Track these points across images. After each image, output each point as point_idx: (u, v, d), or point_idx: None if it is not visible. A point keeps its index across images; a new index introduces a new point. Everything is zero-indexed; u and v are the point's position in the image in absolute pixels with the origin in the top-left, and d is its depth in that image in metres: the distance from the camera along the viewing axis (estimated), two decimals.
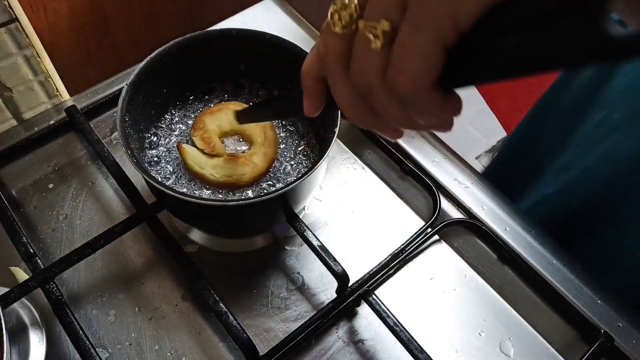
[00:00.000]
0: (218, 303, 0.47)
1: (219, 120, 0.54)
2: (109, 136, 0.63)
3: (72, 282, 0.53)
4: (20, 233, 0.50)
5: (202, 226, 0.55)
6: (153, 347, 0.49)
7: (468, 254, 0.57)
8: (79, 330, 0.46)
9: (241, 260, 0.56)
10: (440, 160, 0.62)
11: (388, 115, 0.28)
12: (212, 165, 0.51)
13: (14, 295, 0.46)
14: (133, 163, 0.44)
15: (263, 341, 0.50)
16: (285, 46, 0.52)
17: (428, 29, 0.24)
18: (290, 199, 0.49)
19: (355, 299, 0.51)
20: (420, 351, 0.47)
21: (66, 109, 0.61)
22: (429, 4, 0.24)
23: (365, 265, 0.53)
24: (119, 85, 0.66)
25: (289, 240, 0.57)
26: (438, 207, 0.58)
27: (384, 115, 0.29)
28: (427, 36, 0.24)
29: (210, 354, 0.49)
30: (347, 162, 0.63)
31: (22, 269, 0.52)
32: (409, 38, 0.25)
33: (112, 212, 0.57)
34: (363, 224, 0.58)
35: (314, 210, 0.59)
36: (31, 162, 0.60)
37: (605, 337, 0.50)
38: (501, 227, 0.58)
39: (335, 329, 0.51)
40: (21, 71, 0.62)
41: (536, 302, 0.54)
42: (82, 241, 0.51)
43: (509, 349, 0.51)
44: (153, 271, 0.54)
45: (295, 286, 0.54)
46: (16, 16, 0.58)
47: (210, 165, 0.51)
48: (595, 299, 0.54)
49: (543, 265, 0.55)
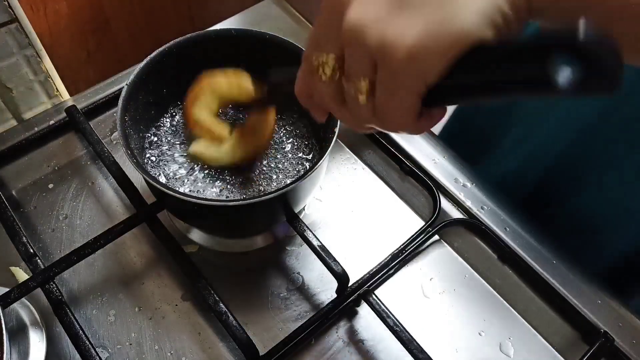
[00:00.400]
0: (218, 303, 0.47)
1: (204, 104, 0.51)
2: (109, 136, 0.63)
3: (72, 282, 0.53)
4: (20, 233, 0.50)
5: (202, 226, 0.55)
6: (153, 347, 0.49)
7: (468, 254, 0.57)
8: (79, 330, 0.46)
9: (241, 260, 0.56)
10: (440, 160, 0.62)
11: (380, 129, 0.33)
12: (226, 150, 0.50)
13: (14, 295, 0.46)
14: (133, 163, 0.44)
15: (263, 341, 0.50)
16: (285, 46, 0.52)
17: (401, 92, 0.28)
18: (290, 199, 0.49)
19: (355, 299, 0.51)
20: (420, 351, 0.47)
21: (66, 109, 0.61)
22: (397, 75, 0.27)
23: (365, 265, 0.53)
24: (119, 85, 0.66)
25: (289, 240, 0.57)
26: (438, 207, 0.58)
27: (375, 129, 0.34)
28: (401, 96, 0.28)
29: (210, 354, 0.49)
30: (347, 162, 0.63)
31: (22, 269, 0.52)
32: (386, 99, 0.29)
33: (112, 212, 0.57)
34: (363, 224, 0.58)
35: (314, 210, 0.59)
36: (31, 162, 0.60)
37: (605, 337, 0.50)
38: (501, 227, 0.58)
39: (335, 329, 0.51)
40: (21, 71, 0.62)
41: (536, 302, 0.54)
42: (82, 241, 0.51)
43: (509, 349, 0.51)
44: (153, 271, 0.54)
45: (295, 286, 0.54)
46: (16, 16, 0.58)
47: (225, 152, 0.50)
48: (595, 299, 0.54)
49: (543, 265, 0.55)
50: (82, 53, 0.73)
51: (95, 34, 0.72)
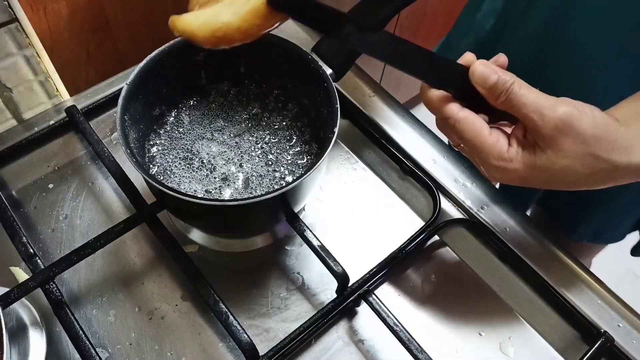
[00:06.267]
0: (218, 303, 0.47)
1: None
2: (109, 136, 0.63)
3: (72, 282, 0.53)
4: (20, 233, 0.50)
5: (202, 226, 0.55)
6: (153, 347, 0.49)
7: (468, 253, 0.57)
8: (79, 330, 0.46)
9: (241, 260, 0.56)
10: (440, 160, 0.62)
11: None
12: (229, 4, 0.40)
13: (14, 295, 0.46)
14: (133, 163, 0.44)
15: (263, 341, 0.50)
16: (285, 46, 0.52)
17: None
18: (290, 199, 0.49)
19: (355, 299, 0.51)
20: (420, 351, 0.47)
21: (66, 109, 0.61)
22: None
23: (365, 265, 0.53)
24: (119, 85, 0.66)
25: (289, 240, 0.57)
26: (438, 207, 0.58)
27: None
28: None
29: (210, 354, 0.49)
30: (347, 162, 0.63)
31: (22, 269, 0.52)
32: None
33: (112, 212, 0.57)
34: (363, 224, 0.58)
35: (314, 210, 0.59)
36: (31, 162, 0.60)
37: (605, 337, 0.50)
38: (501, 227, 0.58)
39: (335, 329, 0.51)
40: (21, 71, 0.62)
41: (536, 302, 0.54)
42: (82, 241, 0.51)
43: (509, 349, 0.51)
44: (153, 271, 0.54)
45: (295, 286, 0.54)
46: (16, 16, 0.58)
47: (227, 7, 0.40)
48: (595, 299, 0.54)
49: (543, 265, 0.55)
50: (82, 53, 0.73)
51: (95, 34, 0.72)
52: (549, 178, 0.39)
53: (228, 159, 0.54)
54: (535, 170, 0.38)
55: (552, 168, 0.38)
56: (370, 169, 0.63)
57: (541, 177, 0.39)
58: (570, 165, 0.37)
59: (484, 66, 0.38)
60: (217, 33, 0.41)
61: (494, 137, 0.39)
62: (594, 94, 0.47)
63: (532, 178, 0.39)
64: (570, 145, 0.37)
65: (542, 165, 0.38)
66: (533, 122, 0.37)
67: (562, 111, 0.36)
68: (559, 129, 0.36)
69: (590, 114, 0.37)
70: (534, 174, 0.39)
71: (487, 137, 0.39)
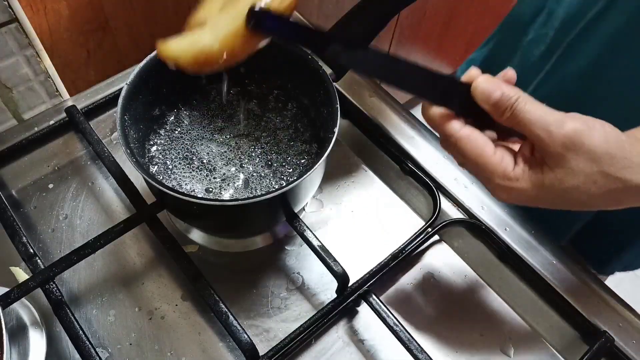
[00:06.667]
0: (218, 303, 0.47)
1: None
2: (109, 136, 0.63)
3: (72, 282, 0.53)
4: (20, 233, 0.50)
5: (202, 226, 0.55)
6: (153, 347, 0.49)
7: (468, 254, 0.57)
8: (79, 330, 0.46)
9: (241, 260, 0.56)
10: (440, 160, 0.62)
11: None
12: (210, 28, 0.40)
13: (14, 295, 0.46)
14: (133, 163, 0.44)
15: (263, 341, 0.50)
16: (285, 47, 0.52)
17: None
18: (290, 199, 0.49)
19: (355, 299, 0.51)
20: (420, 351, 0.47)
21: (66, 109, 0.61)
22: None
23: (365, 265, 0.53)
24: (119, 85, 0.66)
25: (289, 240, 0.57)
26: (438, 207, 0.58)
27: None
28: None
29: (210, 354, 0.49)
30: (347, 162, 0.63)
31: (22, 269, 0.52)
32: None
33: (112, 212, 0.57)
34: (363, 224, 0.58)
35: (314, 210, 0.59)
36: (31, 162, 0.60)
37: (605, 337, 0.50)
38: (501, 227, 0.58)
39: (335, 329, 0.51)
40: (21, 71, 0.62)
41: (536, 302, 0.54)
42: (82, 241, 0.51)
43: (509, 349, 0.51)
44: (153, 271, 0.54)
45: (295, 286, 0.54)
46: (16, 16, 0.58)
47: (208, 32, 0.40)
48: (595, 299, 0.54)
49: (543, 265, 0.55)
50: (82, 53, 0.73)
51: (95, 34, 0.72)
52: (558, 198, 0.37)
53: (228, 159, 0.54)
54: (543, 190, 0.36)
55: (561, 188, 0.36)
56: (370, 168, 0.63)
57: (550, 197, 0.37)
58: (580, 185, 0.35)
59: (487, 82, 0.37)
60: (199, 58, 0.40)
61: (498, 156, 0.37)
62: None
63: (540, 198, 0.37)
64: (580, 163, 0.35)
65: (551, 185, 0.36)
66: (540, 139, 0.35)
67: (571, 127, 0.34)
68: (567, 146, 0.35)
69: (600, 129, 0.35)
70: (541, 194, 0.37)
71: (491, 156, 0.37)
